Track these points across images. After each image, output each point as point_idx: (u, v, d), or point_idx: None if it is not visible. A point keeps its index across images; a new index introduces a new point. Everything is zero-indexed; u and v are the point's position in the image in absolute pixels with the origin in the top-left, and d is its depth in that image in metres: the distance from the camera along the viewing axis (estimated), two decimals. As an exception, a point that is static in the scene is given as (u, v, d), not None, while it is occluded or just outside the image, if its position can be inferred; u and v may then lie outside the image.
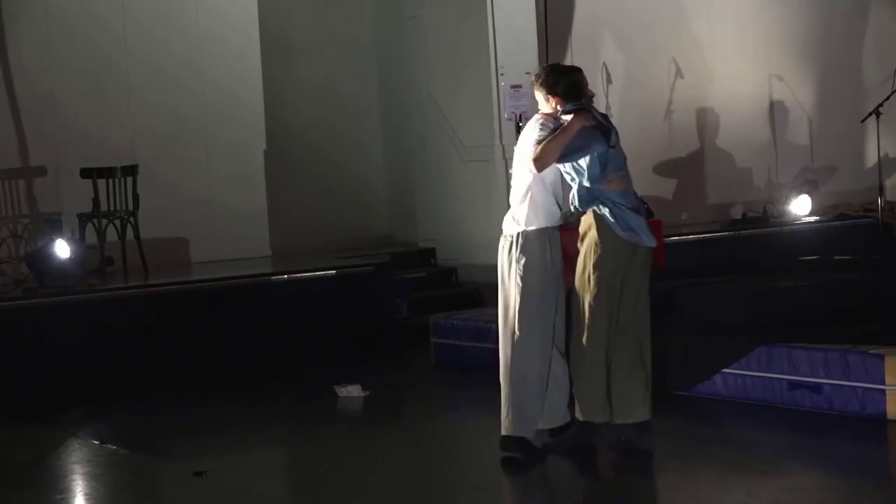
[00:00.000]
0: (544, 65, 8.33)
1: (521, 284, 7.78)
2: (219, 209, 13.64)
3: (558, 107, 7.80)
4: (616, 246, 7.77)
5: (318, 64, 15.16)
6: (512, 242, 7.86)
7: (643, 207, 8.12)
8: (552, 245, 7.83)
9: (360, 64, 15.46)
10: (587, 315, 7.79)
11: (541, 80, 7.87)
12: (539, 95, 7.91)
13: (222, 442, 9.04)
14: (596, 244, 7.81)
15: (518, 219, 7.84)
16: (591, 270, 7.80)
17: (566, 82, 7.83)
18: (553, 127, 7.73)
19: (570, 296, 7.94)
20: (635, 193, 8.02)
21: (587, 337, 7.78)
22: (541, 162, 7.64)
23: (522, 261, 7.79)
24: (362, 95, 15.43)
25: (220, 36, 13.84)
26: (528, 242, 7.79)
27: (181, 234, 13.48)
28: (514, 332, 7.84)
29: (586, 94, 7.94)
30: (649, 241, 7.85)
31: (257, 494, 7.54)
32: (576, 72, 7.99)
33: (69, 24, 13.14)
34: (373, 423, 9.69)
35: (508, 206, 7.96)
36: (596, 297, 7.78)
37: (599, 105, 14.99)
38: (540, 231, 7.79)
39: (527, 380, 7.81)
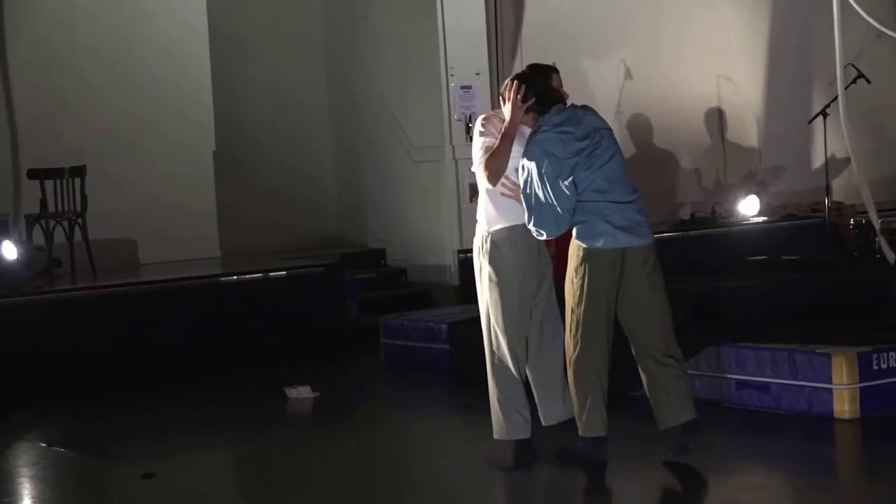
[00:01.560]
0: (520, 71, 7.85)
1: (489, 290, 7.58)
2: (168, 210, 13.56)
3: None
4: (587, 257, 7.40)
5: (268, 64, 15.11)
6: (481, 244, 7.62)
7: (635, 203, 7.57)
8: (521, 243, 7.51)
9: (311, 64, 15.43)
10: (574, 326, 7.45)
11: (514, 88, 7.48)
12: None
13: (171, 444, 9.00)
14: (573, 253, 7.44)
15: (483, 218, 7.61)
16: (574, 277, 7.45)
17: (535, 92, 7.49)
18: (498, 130, 7.46)
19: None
20: (629, 186, 7.52)
21: (579, 350, 7.44)
22: (493, 178, 7.41)
23: (490, 265, 7.55)
24: (312, 96, 15.40)
25: (170, 34, 13.76)
26: (494, 244, 7.53)
27: (130, 236, 13.41)
28: (489, 339, 7.72)
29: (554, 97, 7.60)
30: (629, 241, 7.43)
31: (206, 495, 7.52)
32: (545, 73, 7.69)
33: (18, 19, 13.04)
34: (322, 425, 9.68)
35: (458, 207, 7.91)
36: (581, 307, 7.40)
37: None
38: (508, 230, 7.52)
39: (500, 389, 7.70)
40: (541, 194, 7.27)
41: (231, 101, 14.53)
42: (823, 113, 13.22)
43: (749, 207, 15.44)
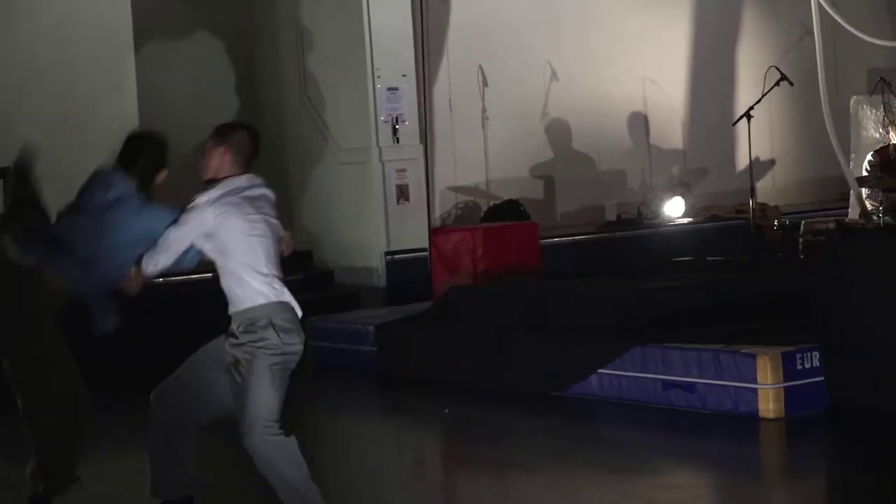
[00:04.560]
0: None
1: None
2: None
3: None
4: None
5: (192, 65, 14.99)
6: None
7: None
8: None
9: (236, 64, 15.34)
10: None
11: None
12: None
13: (96, 449, 8.91)
14: None
15: None
16: None
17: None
18: None
19: None
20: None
21: None
22: None
23: None
24: (238, 96, 15.30)
25: (91, 37, 13.59)
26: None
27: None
28: None
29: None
30: None
31: (129, 500, 7.45)
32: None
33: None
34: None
35: (385, 209, 7.82)
36: None
37: (475, 107, 15.16)
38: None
39: None
40: None
41: (155, 104, 14.37)
42: (748, 114, 13.30)
43: (674, 209, 15.52)
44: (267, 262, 6.37)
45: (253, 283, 6.36)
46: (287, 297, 6.44)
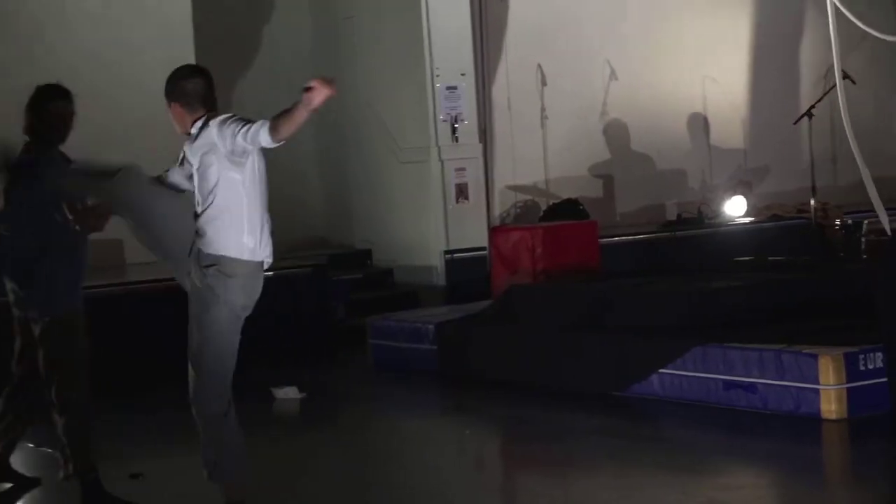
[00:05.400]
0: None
1: None
2: (154, 210, 13.49)
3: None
4: None
5: (253, 64, 15.09)
6: None
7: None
8: None
9: (296, 64, 15.40)
10: None
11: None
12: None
13: (160, 444, 8.99)
14: None
15: None
16: None
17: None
18: None
19: None
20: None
21: None
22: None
23: None
24: (298, 95, 15.33)
25: (154, 39, 13.70)
26: None
27: (115, 235, 13.31)
28: None
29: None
30: None
31: (194, 496, 7.50)
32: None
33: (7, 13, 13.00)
34: (309, 425, 9.68)
35: (444, 208, 7.84)
36: None
37: (534, 106, 15.14)
38: None
39: None
40: None
41: (219, 102, 14.46)
42: (809, 113, 13.23)
43: (735, 208, 15.46)
44: None
45: None
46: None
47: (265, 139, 6.52)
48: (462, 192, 13.76)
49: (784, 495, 7.16)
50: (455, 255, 13.68)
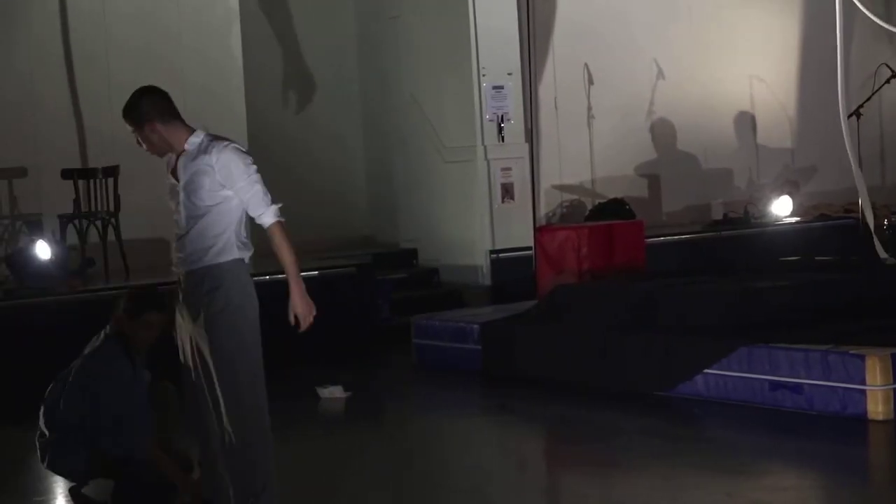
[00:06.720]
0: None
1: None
2: (200, 209, 13.54)
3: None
4: None
5: (300, 64, 15.14)
6: None
7: None
8: None
9: (342, 64, 15.45)
10: None
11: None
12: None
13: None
14: None
15: None
16: None
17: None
18: None
19: None
20: None
21: None
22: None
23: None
24: (344, 95, 15.41)
25: (200, 33, 13.75)
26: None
27: (163, 235, 13.42)
28: None
29: None
30: None
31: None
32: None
33: (51, 19, 13.06)
34: (354, 424, 9.69)
35: (490, 208, 7.82)
36: None
37: (581, 105, 15.12)
38: None
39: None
40: None
41: (263, 100, 14.54)
42: (857, 113, 13.14)
43: (782, 208, 15.39)
44: None
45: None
46: None
47: (263, 220, 6.77)
48: (508, 191, 13.76)
49: (829, 497, 7.11)
50: (500, 254, 13.68)
